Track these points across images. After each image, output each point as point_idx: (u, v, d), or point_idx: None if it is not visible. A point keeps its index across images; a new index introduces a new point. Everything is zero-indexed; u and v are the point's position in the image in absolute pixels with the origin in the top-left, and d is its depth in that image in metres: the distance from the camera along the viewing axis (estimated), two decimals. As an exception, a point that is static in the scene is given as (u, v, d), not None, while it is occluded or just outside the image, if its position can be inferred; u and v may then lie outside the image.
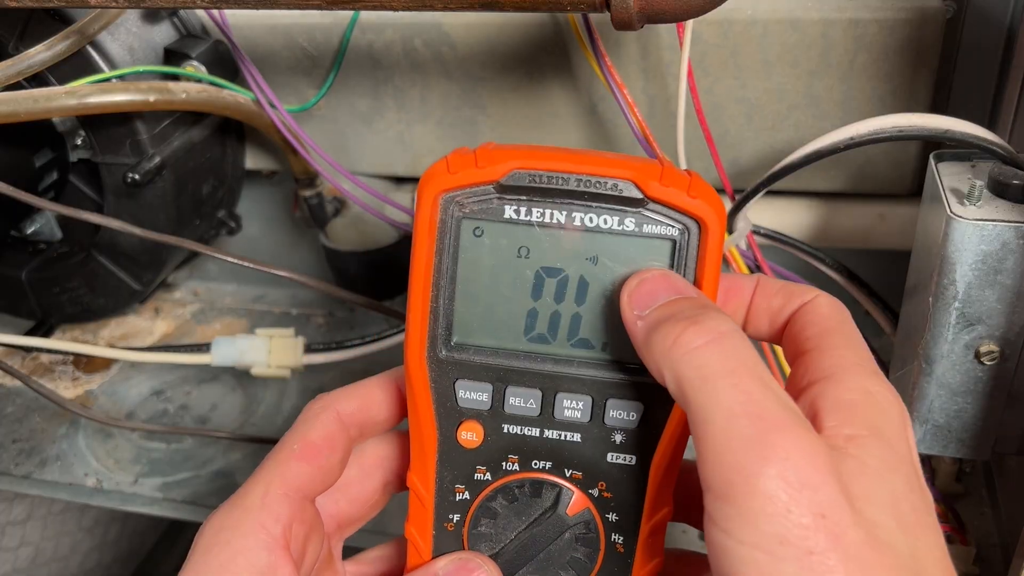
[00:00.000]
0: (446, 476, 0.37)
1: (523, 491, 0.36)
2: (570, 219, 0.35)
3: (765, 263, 0.55)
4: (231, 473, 0.67)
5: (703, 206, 0.34)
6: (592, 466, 0.36)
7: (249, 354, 0.65)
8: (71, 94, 0.57)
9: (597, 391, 0.35)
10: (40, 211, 0.73)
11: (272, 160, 0.74)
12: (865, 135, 0.47)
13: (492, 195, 0.35)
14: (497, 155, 0.34)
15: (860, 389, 0.30)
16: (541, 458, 0.36)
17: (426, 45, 0.61)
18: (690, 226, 0.34)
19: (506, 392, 0.36)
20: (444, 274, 0.36)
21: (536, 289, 0.35)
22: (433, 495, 0.37)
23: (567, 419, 0.36)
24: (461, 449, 0.37)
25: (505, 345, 0.36)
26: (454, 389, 0.36)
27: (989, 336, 0.44)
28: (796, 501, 0.26)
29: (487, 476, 0.37)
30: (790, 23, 0.55)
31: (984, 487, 0.59)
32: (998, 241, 0.42)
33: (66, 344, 0.68)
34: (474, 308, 0.36)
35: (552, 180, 0.34)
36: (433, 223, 0.35)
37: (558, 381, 0.36)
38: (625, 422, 0.35)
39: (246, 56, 0.62)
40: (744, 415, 0.27)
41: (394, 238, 0.74)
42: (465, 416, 0.36)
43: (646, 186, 0.34)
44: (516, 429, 0.36)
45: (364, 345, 0.66)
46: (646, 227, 0.34)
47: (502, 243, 0.35)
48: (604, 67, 0.52)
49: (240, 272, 0.88)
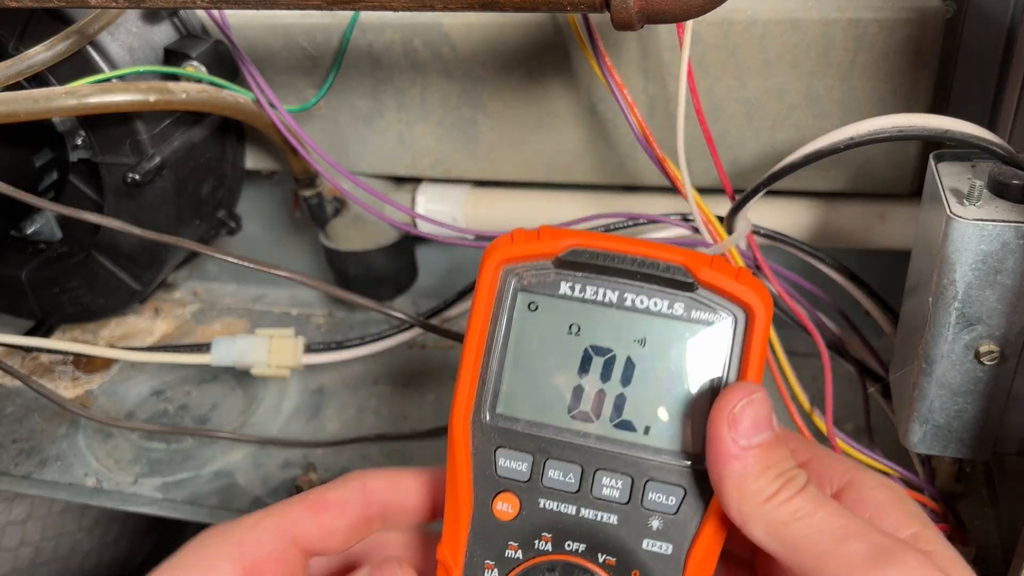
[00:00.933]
0: (476, 551, 0.36)
1: (555, 575, 0.36)
2: (622, 299, 0.36)
3: (765, 263, 0.55)
4: (231, 473, 0.68)
5: (750, 293, 0.35)
6: (627, 553, 0.35)
7: (249, 354, 0.65)
8: (71, 94, 0.56)
9: (637, 472, 0.35)
10: (40, 211, 0.73)
11: (272, 160, 0.74)
12: (865, 135, 0.47)
13: (550, 269, 0.36)
14: (559, 233, 0.36)
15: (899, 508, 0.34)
16: (575, 539, 0.36)
17: (426, 45, 0.61)
18: (738, 314, 0.35)
19: (546, 464, 0.36)
20: (497, 343, 0.37)
21: (583, 366, 0.36)
22: (462, 569, 0.36)
23: (605, 497, 0.35)
24: (495, 521, 0.36)
25: (549, 420, 0.36)
26: (494, 457, 0.36)
27: (989, 336, 0.44)
28: None
29: (518, 554, 0.36)
30: (790, 23, 0.55)
31: (984, 487, 0.59)
32: (998, 241, 0.42)
33: (66, 344, 0.68)
34: (522, 379, 0.37)
35: (608, 259, 0.36)
36: (492, 291, 0.37)
37: (599, 458, 0.36)
38: (664, 506, 0.35)
39: (246, 56, 0.62)
40: (856, 536, 0.30)
41: (394, 238, 0.74)
42: (503, 487, 0.36)
43: (697, 270, 0.35)
44: (553, 505, 0.36)
45: (364, 345, 0.66)
46: (695, 312, 0.35)
47: (555, 318, 0.36)
48: (604, 67, 0.52)
49: (240, 272, 0.88)
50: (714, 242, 0.53)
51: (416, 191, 0.70)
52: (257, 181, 0.78)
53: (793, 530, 0.31)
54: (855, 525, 0.30)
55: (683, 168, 0.51)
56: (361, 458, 0.68)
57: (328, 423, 0.72)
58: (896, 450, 0.56)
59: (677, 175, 0.52)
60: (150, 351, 0.65)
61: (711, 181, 0.60)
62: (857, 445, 0.55)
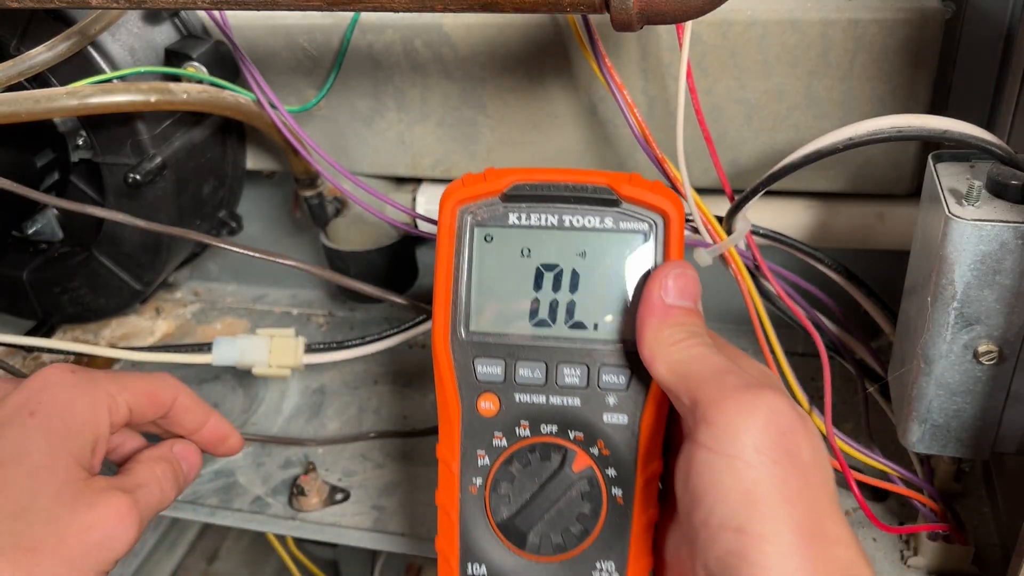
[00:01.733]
0: (469, 445, 0.43)
1: (535, 455, 0.42)
2: (561, 220, 0.43)
3: (764, 263, 0.55)
4: (231, 472, 0.68)
5: (664, 201, 0.42)
6: (591, 427, 0.42)
7: (250, 354, 0.65)
8: (72, 94, 0.57)
9: (591, 361, 0.42)
10: (42, 211, 0.73)
11: (273, 160, 0.74)
12: (864, 135, 0.47)
13: (499, 204, 0.43)
14: (501, 173, 0.43)
15: (755, 367, 0.42)
16: (548, 422, 0.43)
17: (426, 46, 0.62)
18: (656, 219, 0.42)
19: (516, 366, 0.43)
20: (462, 272, 0.43)
21: (537, 282, 0.43)
22: (459, 462, 0.43)
23: (568, 385, 0.42)
24: (481, 418, 0.43)
25: (514, 330, 0.43)
26: (473, 366, 0.43)
27: (988, 336, 0.45)
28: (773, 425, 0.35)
29: (503, 442, 0.43)
30: (790, 24, 0.55)
31: (983, 487, 0.59)
32: (996, 241, 0.42)
33: (67, 344, 0.68)
34: (488, 300, 0.43)
35: (546, 189, 0.42)
36: (452, 230, 0.43)
37: (559, 355, 0.43)
38: (616, 385, 0.42)
39: (247, 57, 0.62)
40: (734, 374, 0.37)
41: (395, 238, 0.74)
42: (483, 389, 0.43)
43: (619, 188, 0.42)
44: (526, 398, 0.43)
45: (364, 345, 0.66)
46: (622, 223, 0.42)
47: (508, 245, 0.43)
48: (604, 68, 0.52)
49: (241, 272, 0.88)
50: (713, 242, 0.54)
51: (417, 191, 0.70)
52: (258, 181, 0.78)
53: (687, 366, 0.38)
54: (736, 369, 0.38)
55: (682, 168, 0.51)
56: (362, 457, 0.68)
57: (329, 422, 0.72)
58: (895, 449, 0.56)
59: (676, 175, 0.52)
60: (151, 351, 0.66)
61: (710, 182, 0.60)
62: (856, 444, 0.55)
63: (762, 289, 0.55)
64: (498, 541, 0.43)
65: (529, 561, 0.43)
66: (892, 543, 0.57)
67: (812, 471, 0.35)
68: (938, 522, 0.54)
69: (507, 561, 0.43)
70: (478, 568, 0.43)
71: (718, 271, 0.56)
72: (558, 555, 0.42)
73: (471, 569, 0.43)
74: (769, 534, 0.33)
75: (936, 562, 0.54)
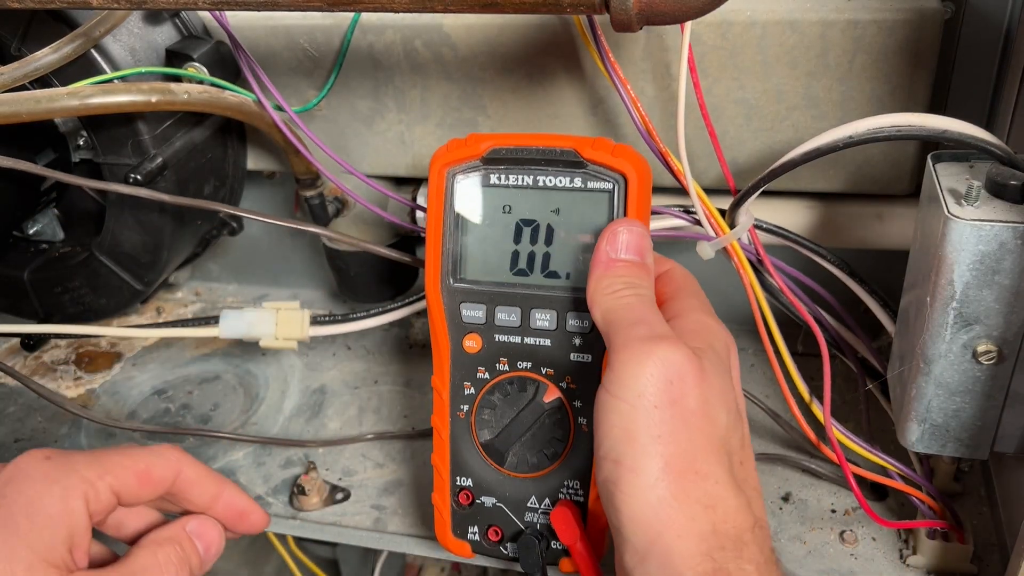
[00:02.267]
0: (457, 376, 0.50)
1: (513, 387, 0.50)
2: (536, 180, 0.48)
3: (767, 258, 0.55)
4: (232, 472, 0.68)
5: (625, 163, 0.46)
6: (560, 364, 0.49)
7: (257, 326, 0.65)
8: (73, 95, 0.57)
9: (561, 307, 0.48)
10: (43, 211, 0.73)
11: (273, 161, 0.74)
12: (864, 134, 0.47)
13: (480, 166, 0.48)
14: (481, 138, 0.48)
15: (700, 322, 0.45)
16: (523, 359, 0.49)
17: (427, 46, 0.62)
18: (619, 180, 0.46)
19: (496, 310, 0.49)
20: (449, 227, 0.49)
21: (516, 236, 0.48)
22: (449, 390, 0.51)
23: (540, 328, 0.49)
24: (466, 354, 0.50)
25: (496, 278, 0.49)
26: (459, 309, 0.50)
27: (987, 336, 0.45)
28: (660, 374, 0.39)
29: (486, 375, 0.50)
30: (789, 24, 0.55)
31: (982, 486, 0.59)
32: (996, 241, 0.42)
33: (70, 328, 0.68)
34: (473, 251, 0.49)
35: (520, 152, 0.48)
36: (440, 190, 0.49)
37: (533, 301, 0.48)
38: (581, 328, 0.48)
39: (249, 56, 0.62)
40: (645, 325, 0.41)
41: (395, 238, 0.74)
42: (468, 329, 0.50)
43: (583, 151, 0.47)
44: (504, 338, 0.49)
45: (369, 318, 0.67)
46: (589, 183, 0.47)
47: (490, 203, 0.49)
48: (608, 63, 0.52)
49: (241, 272, 0.88)
50: (716, 235, 0.54)
51: (417, 192, 0.71)
52: (258, 181, 0.78)
53: (614, 314, 0.42)
54: (651, 320, 0.42)
55: (684, 160, 0.52)
56: (362, 456, 0.68)
57: (329, 422, 0.72)
58: (895, 449, 0.56)
59: (679, 167, 0.52)
60: (158, 327, 0.65)
61: (715, 178, 0.61)
62: (856, 439, 0.55)
63: (764, 283, 0.55)
64: (482, 459, 0.51)
65: (507, 476, 0.50)
66: (891, 542, 0.57)
67: (695, 417, 0.39)
68: (937, 521, 0.54)
69: (489, 475, 0.51)
70: (465, 481, 0.51)
71: (722, 269, 0.56)
72: (532, 472, 0.50)
73: (459, 481, 0.51)
74: (640, 467, 0.38)
75: (935, 561, 0.55)
